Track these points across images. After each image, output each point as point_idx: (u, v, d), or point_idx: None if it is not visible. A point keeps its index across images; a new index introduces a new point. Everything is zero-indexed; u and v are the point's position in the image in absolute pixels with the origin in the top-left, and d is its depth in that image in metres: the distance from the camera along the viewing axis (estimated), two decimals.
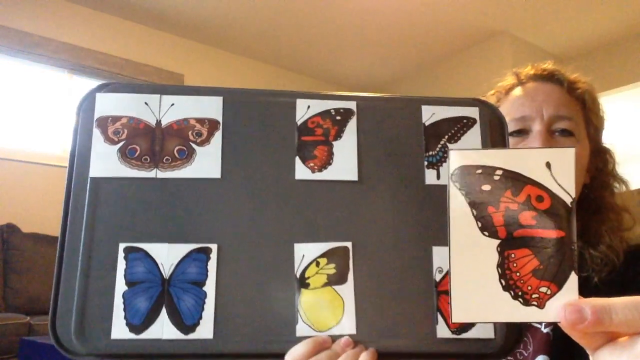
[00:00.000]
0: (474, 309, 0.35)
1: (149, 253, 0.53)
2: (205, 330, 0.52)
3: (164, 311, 0.52)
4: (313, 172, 0.57)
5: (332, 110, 0.59)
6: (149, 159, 0.56)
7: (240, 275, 0.53)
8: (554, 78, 0.80)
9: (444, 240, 0.56)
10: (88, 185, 0.54)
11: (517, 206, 0.36)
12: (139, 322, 0.51)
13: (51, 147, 3.35)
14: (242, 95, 0.59)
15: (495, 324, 0.43)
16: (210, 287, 0.53)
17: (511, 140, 0.73)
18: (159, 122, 0.57)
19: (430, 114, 0.60)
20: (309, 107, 0.59)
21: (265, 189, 0.56)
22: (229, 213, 0.55)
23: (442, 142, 0.59)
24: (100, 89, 0.57)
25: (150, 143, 0.56)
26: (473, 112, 0.61)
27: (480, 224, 0.36)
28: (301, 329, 0.52)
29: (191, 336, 0.51)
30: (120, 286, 0.52)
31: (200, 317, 0.52)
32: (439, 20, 3.63)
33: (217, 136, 0.57)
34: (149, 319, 0.52)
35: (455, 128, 0.60)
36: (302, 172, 0.57)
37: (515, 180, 0.36)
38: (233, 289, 0.53)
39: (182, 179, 0.55)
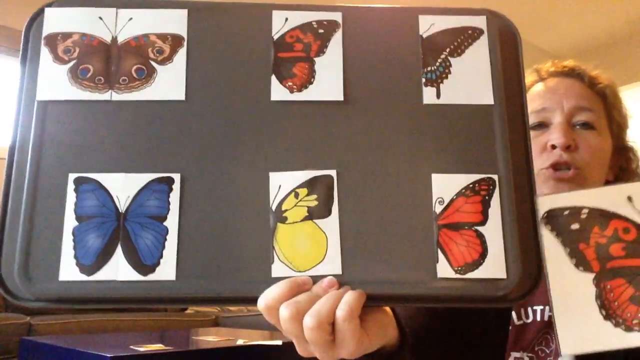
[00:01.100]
0: (581, 340, 0.38)
1: (102, 184, 0.46)
2: (166, 270, 0.45)
3: (119, 249, 0.45)
4: (292, 92, 0.49)
5: (313, 23, 0.51)
6: (103, 80, 0.49)
7: (206, 209, 0.46)
8: (575, 73, 0.79)
9: (444, 167, 0.48)
10: (34, 109, 0.48)
11: (606, 240, 0.39)
12: (91, 261, 0.45)
13: None
14: (209, 8, 0.51)
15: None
16: (172, 222, 0.46)
17: (532, 133, 0.71)
18: (114, 39, 0.50)
19: (428, 25, 0.51)
20: (286, 19, 0.51)
21: (236, 111, 0.49)
22: (194, 139, 0.48)
23: (442, 56, 0.51)
24: (50, 4, 0.51)
25: (105, 62, 0.49)
26: (480, 21, 0.52)
27: (574, 261, 0.39)
28: (277, 269, 0.45)
29: (150, 277, 0.45)
30: (70, 222, 0.45)
31: (161, 256, 0.45)
32: None
33: (181, 53, 0.50)
34: (102, 258, 0.45)
35: (459, 40, 0.51)
36: (278, 92, 0.49)
37: (601, 216, 0.39)
38: (198, 224, 0.46)
39: (140, 102, 0.48)
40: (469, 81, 0.50)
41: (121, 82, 0.49)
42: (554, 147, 0.72)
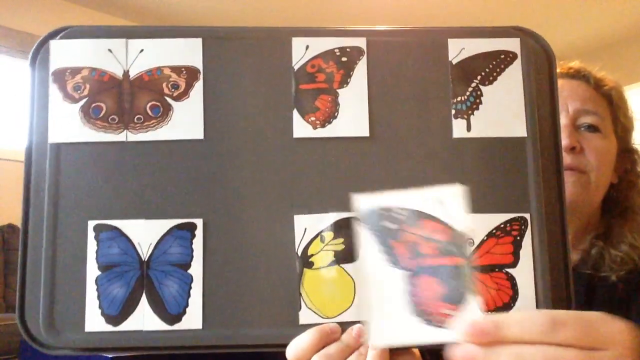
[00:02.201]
0: (390, 333, 0.40)
1: (123, 231, 0.45)
2: (192, 319, 0.44)
3: (144, 299, 0.44)
4: (315, 128, 0.47)
5: (336, 50, 0.48)
6: (117, 119, 0.46)
7: (230, 255, 0.45)
8: (580, 75, 0.77)
9: (475, 206, 0.46)
10: (48, 153, 0.46)
11: (420, 239, 0.40)
12: (116, 312, 0.44)
13: None
14: (225, 35, 0.48)
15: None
16: (196, 269, 0.45)
17: None
18: (126, 73, 0.47)
19: (458, 50, 0.48)
20: (307, 47, 0.48)
21: (257, 150, 0.46)
22: (215, 181, 0.46)
23: (473, 85, 0.48)
24: (54, 35, 0.48)
25: (118, 99, 0.47)
26: (513, 44, 0.49)
27: (387, 258, 0.40)
28: (305, 316, 0.45)
29: (177, 327, 0.44)
30: (92, 271, 0.45)
31: (187, 305, 0.44)
32: (441, 23, 3.36)
33: (198, 88, 0.47)
34: (128, 308, 0.44)
35: (491, 66, 0.48)
36: (301, 128, 0.47)
37: (415, 216, 0.40)
38: (223, 270, 0.45)
39: (157, 142, 0.46)
40: (501, 112, 0.48)
41: (136, 121, 0.46)
42: None
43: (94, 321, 0.44)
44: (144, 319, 0.44)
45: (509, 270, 0.45)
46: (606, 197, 0.76)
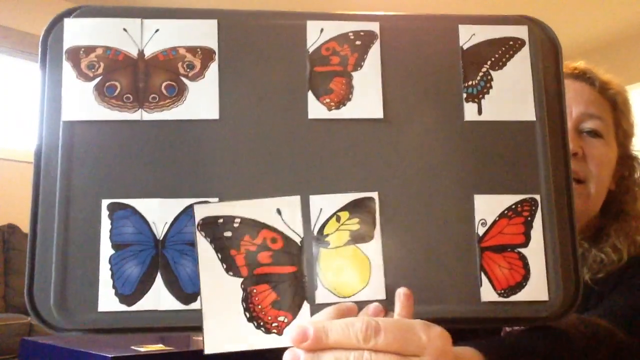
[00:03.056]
0: (225, 339, 0.41)
1: (138, 210, 0.45)
2: None
3: (159, 278, 0.44)
4: (329, 109, 0.47)
5: (350, 34, 0.49)
6: (131, 98, 0.46)
7: None
8: (586, 77, 0.76)
9: (486, 187, 0.47)
10: (60, 130, 0.45)
11: (256, 248, 0.41)
12: (130, 291, 0.44)
13: None
14: (240, 18, 0.48)
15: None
16: None
17: None
18: (141, 53, 0.47)
19: (469, 35, 0.49)
20: (322, 30, 0.48)
21: (273, 131, 0.47)
22: (229, 161, 0.46)
23: (484, 69, 0.49)
24: (68, 13, 0.47)
25: (133, 78, 0.46)
26: (521, 31, 0.50)
27: (225, 266, 0.41)
28: (321, 295, 0.44)
29: (193, 306, 0.44)
30: (106, 250, 0.44)
31: None
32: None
33: (213, 68, 0.47)
34: (142, 287, 0.44)
35: (500, 51, 0.49)
36: (316, 110, 0.47)
37: (252, 226, 0.41)
38: None
39: (172, 121, 0.46)
40: (511, 96, 0.49)
41: (151, 100, 0.46)
42: None
43: (108, 301, 0.43)
44: (159, 298, 0.44)
45: (521, 249, 0.46)
46: (605, 202, 0.75)
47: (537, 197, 0.47)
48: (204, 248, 0.41)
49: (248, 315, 0.41)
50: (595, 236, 0.74)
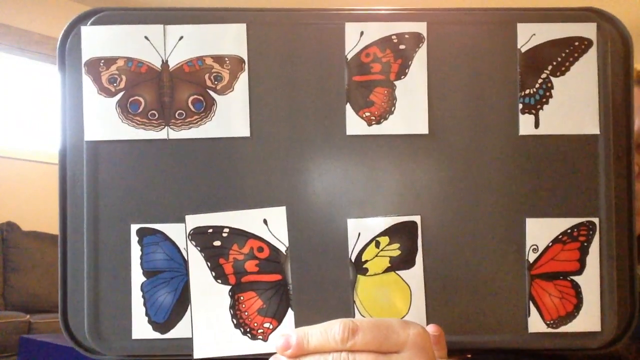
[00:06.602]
0: (213, 345, 0.42)
1: (168, 235, 0.43)
2: None
3: None
4: (369, 124, 0.43)
5: (393, 37, 0.43)
6: (157, 115, 0.43)
7: None
8: None
9: (540, 210, 0.43)
10: (84, 152, 0.43)
11: (243, 257, 0.42)
12: (164, 319, 0.43)
13: (51, 145, 3.23)
14: (270, 19, 0.44)
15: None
16: None
17: None
18: (165, 64, 0.43)
19: (528, 36, 0.44)
20: (362, 33, 0.43)
21: (308, 149, 0.43)
22: (262, 181, 0.43)
23: (543, 76, 0.44)
24: (84, 19, 0.43)
25: (157, 92, 0.43)
26: (589, 30, 0.44)
27: (214, 274, 0.42)
28: None
29: None
30: (137, 277, 0.43)
31: None
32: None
33: (242, 80, 0.43)
34: (176, 315, 0.43)
35: (563, 54, 0.44)
36: (355, 125, 0.43)
37: (239, 235, 0.42)
38: None
39: (201, 140, 0.43)
40: (573, 106, 0.44)
41: (177, 117, 0.43)
42: None
43: (141, 328, 0.43)
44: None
45: (574, 277, 0.43)
46: None
47: (596, 220, 0.43)
48: (195, 257, 0.42)
49: (235, 321, 0.42)
50: None
